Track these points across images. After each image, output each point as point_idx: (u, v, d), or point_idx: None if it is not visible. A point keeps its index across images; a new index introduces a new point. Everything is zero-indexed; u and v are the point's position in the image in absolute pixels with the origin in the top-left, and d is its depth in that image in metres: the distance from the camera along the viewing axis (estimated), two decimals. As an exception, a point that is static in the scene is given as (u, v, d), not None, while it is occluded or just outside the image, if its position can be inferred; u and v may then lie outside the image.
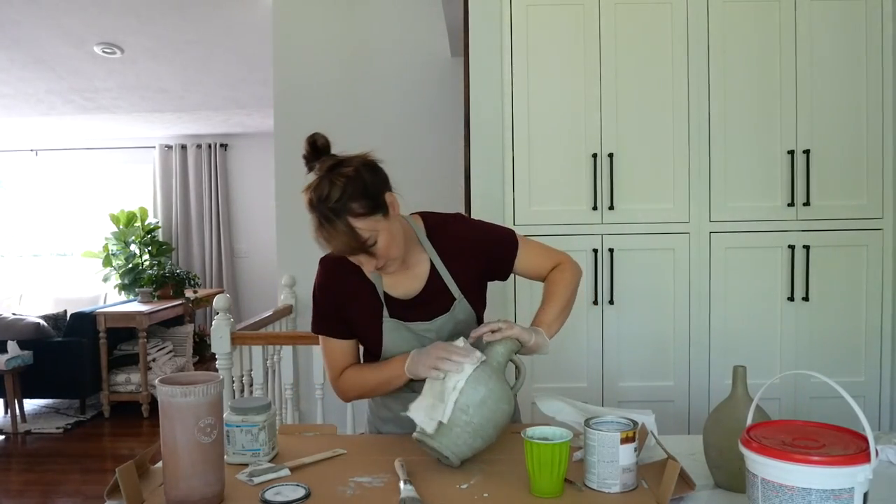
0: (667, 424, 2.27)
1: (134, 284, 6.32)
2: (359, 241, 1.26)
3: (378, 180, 1.31)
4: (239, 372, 2.95)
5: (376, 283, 1.43)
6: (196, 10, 4.63)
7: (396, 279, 1.43)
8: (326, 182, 1.25)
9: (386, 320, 1.42)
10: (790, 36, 2.35)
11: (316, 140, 1.31)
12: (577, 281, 1.53)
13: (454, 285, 1.44)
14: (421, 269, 1.44)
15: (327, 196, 1.24)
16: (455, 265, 1.44)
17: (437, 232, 1.46)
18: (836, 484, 0.91)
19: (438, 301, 1.44)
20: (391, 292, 1.44)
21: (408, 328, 1.43)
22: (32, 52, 5.02)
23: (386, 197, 1.31)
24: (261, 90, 5.57)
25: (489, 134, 2.38)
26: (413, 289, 1.44)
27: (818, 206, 2.37)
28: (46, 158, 7.45)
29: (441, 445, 1.24)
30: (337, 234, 1.25)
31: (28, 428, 4.66)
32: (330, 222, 1.25)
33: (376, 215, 1.28)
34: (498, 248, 1.49)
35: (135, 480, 1.15)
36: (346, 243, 1.26)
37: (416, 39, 3.84)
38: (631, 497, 1.13)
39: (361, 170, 1.28)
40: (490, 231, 1.51)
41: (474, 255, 1.45)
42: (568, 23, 2.36)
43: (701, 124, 2.36)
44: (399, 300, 1.44)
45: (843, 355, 2.40)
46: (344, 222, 1.24)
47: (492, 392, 1.25)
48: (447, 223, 1.48)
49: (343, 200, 1.24)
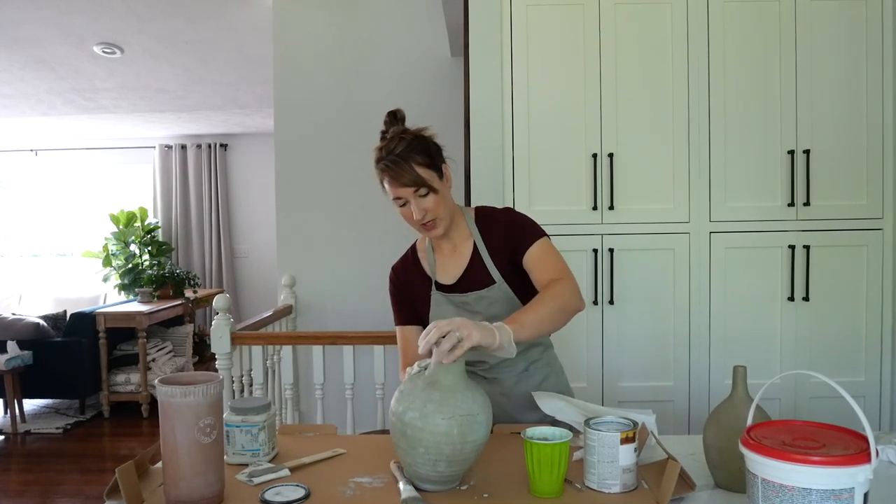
0: (667, 424, 2.27)
1: (134, 284, 6.32)
2: (420, 178, 1.45)
3: (436, 147, 1.52)
4: (239, 372, 2.95)
5: (430, 268, 1.61)
6: (196, 10, 4.62)
7: (445, 263, 1.60)
8: (396, 139, 1.46)
9: (433, 293, 1.59)
10: (790, 36, 2.35)
11: (397, 112, 1.53)
12: (572, 305, 1.44)
13: (495, 270, 1.55)
14: (465, 249, 1.59)
15: (394, 148, 1.45)
16: (495, 249, 1.56)
17: (483, 219, 1.60)
18: (836, 484, 0.91)
19: (478, 280, 1.56)
20: (440, 278, 1.60)
21: (448, 299, 1.57)
22: (32, 52, 5.02)
23: (443, 166, 1.52)
24: (261, 90, 5.57)
25: (489, 134, 2.38)
26: (458, 270, 1.58)
27: (818, 206, 2.37)
28: (46, 158, 7.45)
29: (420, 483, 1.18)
30: (403, 172, 1.44)
31: (28, 428, 4.66)
32: (397, 165, 1.44)
33: (433, 171, 1.48)
34: (519, 231, 1.55)
35: (135, 480, 1.14)
36: (410, 178, 1.44)
37: (416, 39, 3.83)
38: (631, 497, 1.13)
39: (423, 135, 1.50)
40: (523, 219, 1.60)
41: (504, 234, 1.56)
42: (568, 23, 2.36)
43: (701, 124, 2.36)
44: (447, 285, 1.59)
45: (843, 355, 2.40)
46: (409, 164, 1.44)
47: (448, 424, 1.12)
48: (495, 212, 1.63)
49: (408, 151, 1.45)
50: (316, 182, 3.82)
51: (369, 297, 3.65)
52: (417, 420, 1.13)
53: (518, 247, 1.53)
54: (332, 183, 3.81)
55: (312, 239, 3.82)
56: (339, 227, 3.83)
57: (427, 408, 1.13)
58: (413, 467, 1.16)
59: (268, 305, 4.15)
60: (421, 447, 1.12)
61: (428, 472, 1.15)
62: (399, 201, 1.48)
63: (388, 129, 1.50)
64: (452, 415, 1.12)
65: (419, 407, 1.14)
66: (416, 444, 1.13)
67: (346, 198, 3.80)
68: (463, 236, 1.59)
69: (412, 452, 1.14)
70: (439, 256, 1.61)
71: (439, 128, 1.55)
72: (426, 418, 1.12)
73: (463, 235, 1.59)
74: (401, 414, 1.15)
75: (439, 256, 1.61)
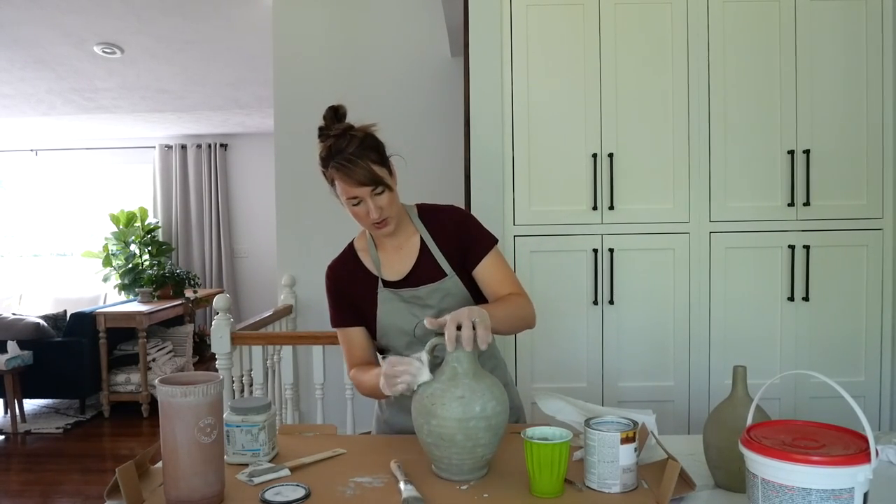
0: (667, 424, 2.27)
1: (134, 284, 6.32)
2: (377, 176, 1.43)
3: (383, 145, 1.49)
4: (239, 372, 2.95)
5: (375, 266, 1.56)
6: (196, 10, 4.63)
7: (390, 260, 1.57)
8: (345, 138, 1.43)
9: (380, 291, 1.55)
10: (790, 36, 2.35)
11: (338, 109, 1.49)
12: (529, 321, 1.51)
13: (445, 263, 1.54)
14: (411, 246, 1.56)
15: (345, 148, 1.42)
16: (444, 245, 1.55)
17: (428, 214, 1.59)
18: (836, 484, 0.91)
19: (429, 275, 1.54)
20: (387, 275, 1.56)
21: (398, 295, 1.53)
22: (32, 52, 5.02)
23: (390, 163, 1.49)
24: (261, 90, 5.57)
25: (489, 134, 2.38)
26: (405, 267, 1.56)
27: (818, 206, 2.37)
28: (46, 158, 7.45)
29: (442, 472, 1.24)
30: (358, 169, 1.41)
31: (28, 428, 4.66)
32: (352, 163, 1.41)
33: (385, 169, 1.47)
34: (471, 239, 1.55)
35: (135, 480, 1.15)
36: (367, 177, 1.42)
37: (416, 39, 3.83)
38: (631, 497, 1.13)
39: (372, 133, 1.48)
40: (474, 225, 1.59)
41: (457, 236, 1.55)
42: (568, 23, 2.36)
43: (701, 124, 2.36)
44: (394, 281, 1.55)
45: (843, 355, 2.40)
46: (364, 163, 1.42)
47: (466, 403, 1.19)
48: (438, 208, 1.61)
49: (361, 150, 1.43)
50: (316, 182, 3.76)
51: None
52: (456, 412, 1.18)
53: (470, 254, 1.53)
54: (332, 183, 3.80)
55: (312, 239, 3.82)
56: (339, 227, 3.80)
57: (464, 399, 1.19)
58: (448, 460, 1.20)
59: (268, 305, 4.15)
60: (460, 434, 1.18)
61: (464, 460, 1.20)
62: (353, 201, 1.45)
63: (330, 125, 1.46)
64: (489, 398, 1.21)
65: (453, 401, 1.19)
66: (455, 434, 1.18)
67: (346, 198, 3.80)
68: (408, 233, 1.57)
69: (451, 447, 1.18)
70: (383, 253, 1.57)
71: (439, 128, 1.55)
72: (465, 407, 1.18)
73: (408, 232, 1.57)
74: (437, 415, 1.20)
75: (383, 253, 1.57)
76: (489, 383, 1.24)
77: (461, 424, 1.18)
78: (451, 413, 1.18)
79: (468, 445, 1.18)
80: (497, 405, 1.21)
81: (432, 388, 1.23)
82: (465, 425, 1.18)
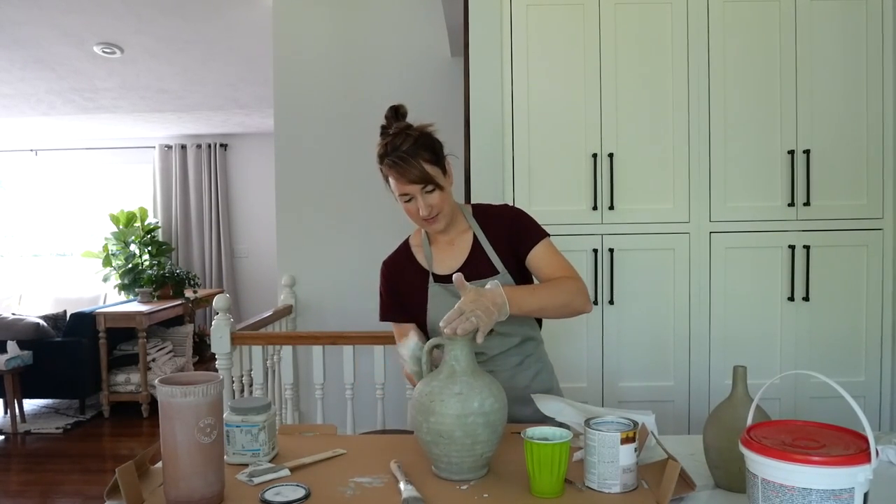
0: (667, 424, 2.27)
1: (134, 284, 6.31)
2: (428, 175, 1.46)
3: (440, 144, 1.52)
4: (239, 372, 2.95)
5: (427, 261, 1.59)
6: (196, 10, 4.62)
7: (442, 255, 1.60)
8: (401, 136, 1.46)
9: (431, 286, 1.57)
10: (790, 36, 2.35)
11: (399, 108, 1.52)
12: (576, 304, 1.46)
13: (497, 260, 1.55)
14: (463, 242, 1.59)
15: (400, 144, 1.45)
16: (497, 242, 1.57)
17: (482, 212, 1.62)
18: (836, 484, 0.90)
19: (480, 271, 1.55)
20: (438, 269, 1.59)
21: (447, 289, 1.54)
22: (32, 52, 5.02)
23: (445, 162, 1.52)
24: (261, 90, 5.57)
25: (489, 134, 2.38)
26: (457, 262, 1.58)
27: (818, 206, 2.37)
28: (46, 158, 7.45)
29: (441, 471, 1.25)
30: (411, 168, 1.45)
31: (28, 428, 4.66)
32: (405, 161, 1.44)
33: (438, 168, 1.49)
34: (523, 228, 1.57)
35: (135, 480, 1.14)
36: (418, 175, 1.45)
37: (416, 39, 3.83)
38: (631, 497, 1.13)
39: (428, 132, 1.51)
40: (526, 218, 1.60)
41: (509, 230, 1.57)
42: (568, 23, 2.36)
43: (701, 124, 2.36)
44: (445, 276, 1.57)
45: (843, 355, 2.40)
46: (417, 161, 1.45)
47: (464, 399, 1.19)
48: (491, 206, 1.65)
49: (415, 148, 1.45)
50: (316, 182, 3.82)
51: (369, 297, 3.60)
52: (454, 408, 1.18)
53: (522, 243, 1.55)
54: (332, 183, 3.81)
55: (312, 239, 3.82)
56: (339, 227, 3.83)
57: (462, 395, 1.20)
58: (447, 458, 1.20)
59: (268, 305, 4.15)
60: (458, 431, 1.18)
61: (463, 458, 1.19)
62: (405, 197, 1.49)
63: (390, 124, 1.50)
64: (487, 395, 1.21)
65: (451, 398, 1.20)
66: (454, 430, 1.18)
67: (347, 198, 3.80)
68: (460, 230, 1.60)
69: (450, 444, 1.18)
70: (435, 248, 1.61)
71: (439, 127, 1.55)
72: (463, 403, 1.19)
73: (460, 229, 1.60)
74: (435, 412, 1.20)
75: (435, 248, 1.61)
76: (487, 381, 1.24)
77: (459, 420, 1.18)
78: (450, 409, 1.18)
79: (467, 443, 1.18)
80: (495, 402, 1.21)
81: (430, 386, 1.23)
82: (463, 421, 1.18)
